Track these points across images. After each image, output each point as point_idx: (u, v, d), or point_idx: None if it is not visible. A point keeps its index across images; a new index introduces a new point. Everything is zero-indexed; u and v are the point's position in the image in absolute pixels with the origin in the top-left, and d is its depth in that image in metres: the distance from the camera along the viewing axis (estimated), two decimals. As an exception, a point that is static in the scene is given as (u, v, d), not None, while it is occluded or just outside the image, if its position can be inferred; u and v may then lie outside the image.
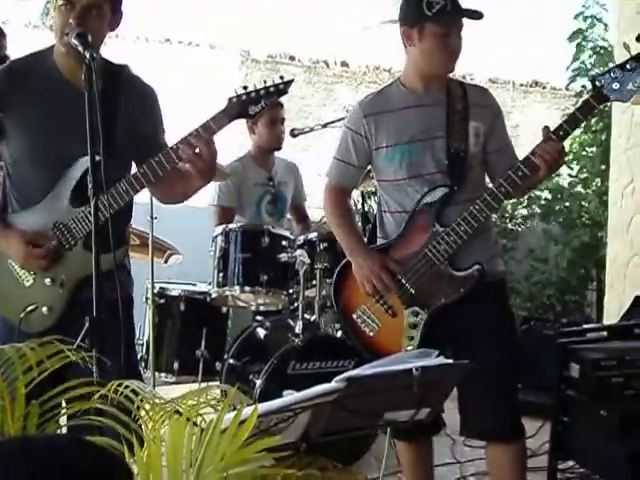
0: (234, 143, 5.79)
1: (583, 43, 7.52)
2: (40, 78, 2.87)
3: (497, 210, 3.35)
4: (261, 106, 2.79)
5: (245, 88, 2.79)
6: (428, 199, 3.25)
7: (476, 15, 3.18)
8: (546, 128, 3.11)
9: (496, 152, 3.31)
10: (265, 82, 2.81)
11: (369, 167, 3.46)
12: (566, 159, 6.55)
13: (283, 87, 2.82)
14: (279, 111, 5.25)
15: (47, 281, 2.88)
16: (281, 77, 2.83)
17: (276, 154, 5.41)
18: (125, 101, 2.86)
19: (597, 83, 3.08)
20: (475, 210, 3.16)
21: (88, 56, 2.56)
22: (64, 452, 1.04)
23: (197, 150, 2.75)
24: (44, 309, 2.87)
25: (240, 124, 5.31)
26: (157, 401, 1.72)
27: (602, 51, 7.43)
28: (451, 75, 3.40)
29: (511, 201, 8.07)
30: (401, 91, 3.34)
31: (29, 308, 2.85)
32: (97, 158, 2.51)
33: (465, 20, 3.21)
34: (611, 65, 3.17)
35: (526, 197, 7.92)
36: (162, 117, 3.05)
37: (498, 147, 3.32)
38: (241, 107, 2.78)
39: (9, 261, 2.91)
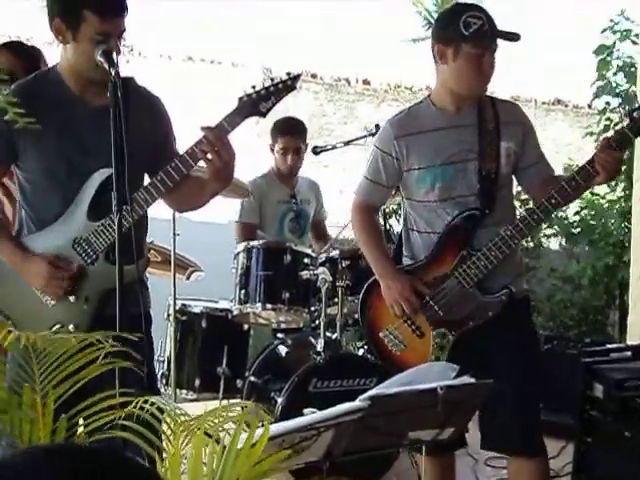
0: (258, 160, 5.82)
1: (608, 59, 7.44)
2: (50, 98, 2.88)
3: (529, 235, 3.38)
4: (272, 102, 2.83)
5: (254, 87, 2.83)
6: (459, 222, 3.24)
7: (513, 37, 3.15)
8: (607, 138, 3.11)
9: (530, 166, 3.32)
10: (272, 80, 2.84)
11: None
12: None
13: (291, 82, 2.85)
14: (292, 141, 5.24)
15: (71, 298, 2.88)
16: (288, 73, 2.86)
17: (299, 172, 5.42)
18: (134, 113, 2.86)
19: (635, 115, 3.06)
20: (507, 236, 3.17)
21: (114, 74, 2.58)
22: (96, 462, 1.04)
23: (215, 149, 2.78)
24: (70, 327, 2.87)
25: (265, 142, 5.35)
26: (182, 418, 1.72)
27: (628, 68, 7.34)
28: None
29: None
30: (431, 110, 3.31)
31: (55, 327, 2.85)
32: (110, 171, 2.55)
33: None
34: None
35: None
36: (171, 126, 3.07)
37: (532, 161, 3.32)
38: (252, 105, 2.82)
39: None
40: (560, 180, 3.25)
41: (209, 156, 2.80)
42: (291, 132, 5.29)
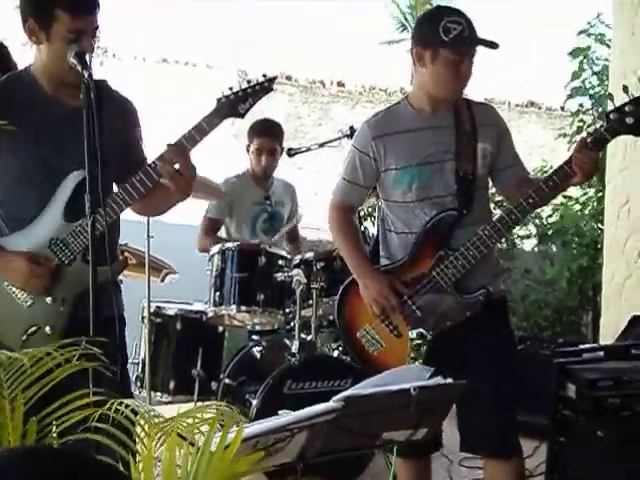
0: (234, 161, 5.82)
1: (584, 61, 7.48)
2: (23, 99, 2.87)
3: (506, 236, 3.41)
4: (249, 104, 2.85)
5: (231, 88, 2.85)
6: (436, 222, 3.26)
7: (492, 44, 3.15)
8: (584, 139, 3.13)
9: (506, 168, 3.35)
10: (249, 81, 2.86)
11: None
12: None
13: (268, 84, 2.88)
14: (268, 142, 5.26)
15: (48, 300, 2.86)
16: (264, 75, 2.89)
17: (274, 173, 5.42)
18: (107, 116, 2.85)
19: (611, 117, 3.08)
20: (485, 236, 3.18)
21: (87, 76, 2.58)
22: (67, 465, 1.04)
23: (176, 167, 2.79)
24: (47, 329, 2.85)
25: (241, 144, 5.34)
26: (156, 420, 1.72)
27: (604, 72, 7.39)
28: None
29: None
30: (409, 111, 3.32)
31: (31, 329, 2.83)
32: (84, 174, 2.55)
33: None
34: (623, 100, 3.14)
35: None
36: (141, 130, 3.08)
37: (508, 163, 3.35)
38: (231, 106, 2.84)
39: (5, 283, 2.89)
40: (535, 181, 3.28)
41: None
42: (268, 133, 5.30)
